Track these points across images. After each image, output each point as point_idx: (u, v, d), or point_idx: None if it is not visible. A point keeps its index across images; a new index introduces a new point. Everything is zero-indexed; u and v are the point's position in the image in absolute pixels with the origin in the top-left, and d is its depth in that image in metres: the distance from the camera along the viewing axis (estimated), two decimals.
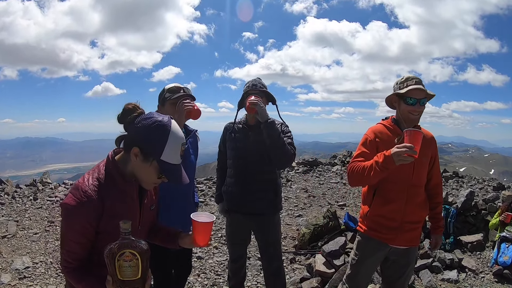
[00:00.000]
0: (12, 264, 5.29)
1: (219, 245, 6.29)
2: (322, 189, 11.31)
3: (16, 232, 6.57)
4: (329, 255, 4.62)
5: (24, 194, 9.13)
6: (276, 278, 3.78)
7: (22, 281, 4.89)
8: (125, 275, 1.61)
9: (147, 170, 1.79)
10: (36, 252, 5.80)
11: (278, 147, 3.28)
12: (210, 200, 9.26)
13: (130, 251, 1.59)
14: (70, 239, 1.76)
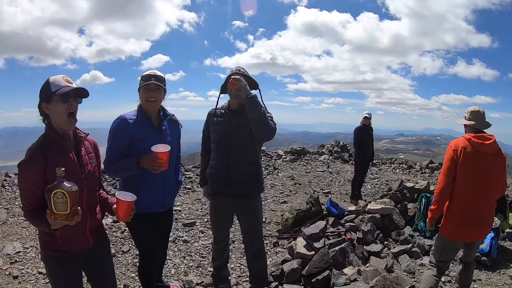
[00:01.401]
0: (3, 250, 5.37)
1: (204, 229, 6.44)
2: (308, 177, 11.49)
3: (7, 219, 6.63)
4: (309, 238, 4.76)
5: (14, 183, 9.19)
6: (257, 259, 3.95)
7: (14, 265, 4.98)
8: (58, 209, 2.12)
9: (55, 106, 2.33)
10: (26, 238, 5.88)
11: (260, 118, 3.38)
12: (197, 187, 9.34)
13: (61, 191, 2.10)
14: (24, 187, 2.30)
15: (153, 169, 3.00)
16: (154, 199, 3.35)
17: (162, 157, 2.94)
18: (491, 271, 5.21)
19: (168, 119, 3.45)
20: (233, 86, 3.38)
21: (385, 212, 6.24)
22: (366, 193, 10.01)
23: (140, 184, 3.25)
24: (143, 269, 3.67)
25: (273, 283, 4.40)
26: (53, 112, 2.34)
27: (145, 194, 3.21)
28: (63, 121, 2.36)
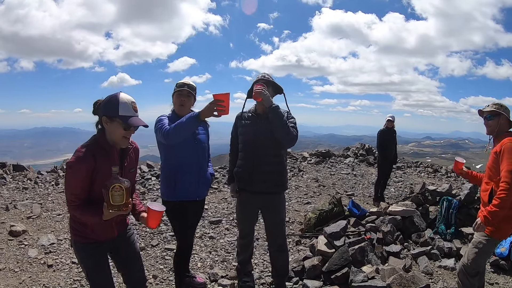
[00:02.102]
0: (38, 241, 5.70)
1: (230, 227, 6.71)
2: (333, 179, 11.62)
3: (41, 213, 7.02)
4: (330, 236, 4.95)
5: (46, 180, 9.62)
6: (280, 253, 4.19)
7: (48, 255, 5.28)
8: (115, 201, 2.48)
9: (115, 127, 2.61)
10: (60, 231, 6.22)
11: (281, 128, 3.68)
12: (223, 187, 9.67)
13: (119, 185, 2.46)
14: (73, 184, 2.56)
15: (216, 114, 3.19)
16: (191, 189, 3.79)
17: (224, 99, 3.13)
18: (510, 275, 5.25)
19: None
20: (256, 98, 3.63)
21: (406, 214, 6.34)
22: (389, 195, 10.09)
23: (178, 175, 3.70)
24: (180, 256, 4.08)
25: (294, 278, 4.64)
26: (110, 129, 2.63)
27: (183, 184, 3.71)
28: (118, 139, 2.66)
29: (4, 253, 5.34)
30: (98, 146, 2.64)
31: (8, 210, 7.20)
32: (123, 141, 2.69)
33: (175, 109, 3.81)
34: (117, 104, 2.57)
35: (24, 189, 8.80)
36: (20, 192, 8.62)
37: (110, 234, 2.89)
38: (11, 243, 5.67)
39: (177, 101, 3.75)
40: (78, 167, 2.53)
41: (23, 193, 8.51)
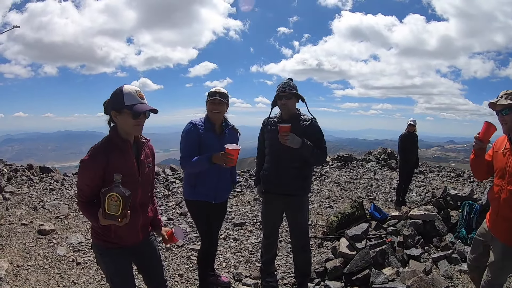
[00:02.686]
0: (66, 240, 5.93)
1: (253, 229, 6.87)
2: (355, 183, 11.70)
3: (68, 214, 7.26)
4: (352, 239, 5.06)
5: (72, 182, 9.91)
6: (302, 253, 4.36)
7: (76, 253, 5.49)
8: (110, 210, 2.39)
9: (124, 118, 2.58)
10: (87, 230, 6.41)
11: (311, 159, 4.03)
12: (247, 191, 9.87)
13: (116, 195, 2.38)
14: (82, 182, 2.60)
15: (225, 163, 3.60)
16: (208, 191, 4.00)
17: (233, 154, 3.54)
18: None
19: (229, 128, 4.10)
20: (282, 141, 3.83)
21: (427, 218, 6.39)
22: (411, 200, 10.11)
23: (198, 178, 3.94)
24: (203, 253, 4.25)
25: (316, 279, 4.78)
26: (121, 122, 2.61)
27: (200, 186, 3.94)
28: (130, 129, 2.63)
29: (33, 250, 5.56)
30: (111, 143, 2.64)
31: (37, 210, 7.47)
32: (135, 129, 2.66)
33: (208, 114, 3.99)
34: (121, 95, 2.56)
35: (51, 190, 9.09)
36: (48, 193, 8.91)
37: (135, 238, 2.88)
38: (40, 241, 5.89)
39: (210, 108, 3.93)
40: (88, 165, 2.55)
41: (50, 194, 8.80)
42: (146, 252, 3.04)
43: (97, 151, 2.59)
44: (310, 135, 3.99)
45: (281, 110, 4.12)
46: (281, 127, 3.81)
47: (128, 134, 2.68)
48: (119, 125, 2.65)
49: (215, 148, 3.80)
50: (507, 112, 3.14)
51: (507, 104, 3.12)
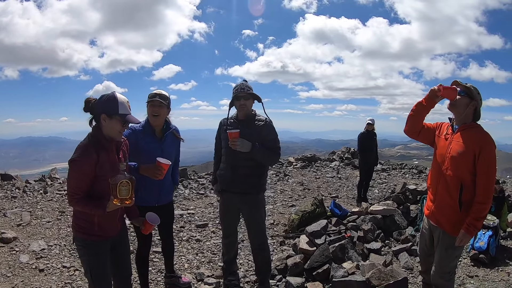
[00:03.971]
0: (29, 247, 5.79)
1: (216, 230, 6.87)
2: (318, 183, 11.84)
3: (30, 221, 7.09)
4: (311, 235, 5.14)
5: (34, 189, 9.69)
6: (261, 251, 4.40)
7: (39, 260, 5.38)
8: (122, 195, 2.70)
9: (113, 123, 2.83)
10: (50, 237, 6.31)
11: (264, 161, 4.18)
12: (210, 193, 9.86)
13: (126, 180, 2.70)
14: (77, 177, 2.78)
15: (154, 177, 3.60)
16: (150, 196, 3.97)
17: (164, 168, 3.56)
18: (489, 268, 5.45)
19: (169, 132, 4.09)
20: (232, 147, 3.93)
21: (386, 213, 6.55)
22: (373, 197, 10.34)
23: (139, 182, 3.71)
24: (140, 252, 4.26)
25: (278, 276, 4.83)
26: (109, 125, 2.84)
27: (142, 191, 3.82)
28: (115, 134, 2.90)
29: None
30: (97, 142, 2.85)
31: None
32: (118, 136, 2.94)
33: (149, 119, 3.94)
34: (116, 103, 2.81)
35: (13, 198, 8.84)
36: (9, 200, 8.65)
37: (115, 230, 3.12)
38: (2, 249, 5.74)
39: (150, 111, 3.88)
40: (83, 162, 2.75)
41: (12, 202, 8.54)
42: (122, 242, 3.29)
43: (87, 148, 2.81)
44: (265, 135, 4.07)
45: (238, 111, 4.15)
46: (230, 134, 3.88)
47: (113, 137, 2.92)
48: (105, 128, 2.87)
49: (156, 153, 3.77)
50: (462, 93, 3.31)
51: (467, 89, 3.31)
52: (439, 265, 3.53)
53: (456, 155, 3.30)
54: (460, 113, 3.35)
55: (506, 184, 12.51)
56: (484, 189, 3.23)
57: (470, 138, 3.27)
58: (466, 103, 3.31)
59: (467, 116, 3.36)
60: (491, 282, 5.08)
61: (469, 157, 3.24)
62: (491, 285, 5.00)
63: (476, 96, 3.31)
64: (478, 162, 3.21)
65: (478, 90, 3.32)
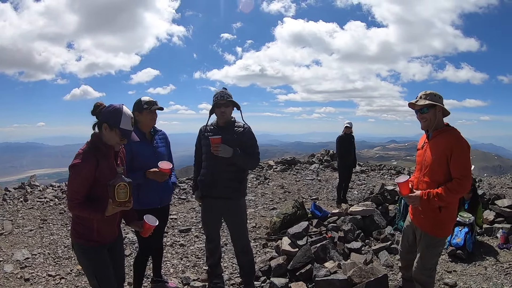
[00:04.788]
0: (12, 256, 5.75)
1: (199, 234, 6.94)
2: (298, 185, 11.97)
3: (12, 230, 7.03)
4: (293, 237, 5.28)
5: (14, 196, 9.56)
6: (244, 254, 4.50)
7: (24, 269, 5.36)
8: (120, 198, 2.78)
9: (113, 136, 2.94)
10: (33, 246, 6.28)
11: (245, 165, 4.28)
12: (191, 197, 9.87)
13: (124, 183, 2.78)
14: (77, 182, 2.85)
15: (161, 180, 3.94)
16: (153, 197, 4.09)
17: (167, 172, 3.86)
18: (467, 263, 5.69)
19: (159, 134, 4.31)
20: (215, 152, 4.05)
21: (366, 213, 6.73)
22: (353, 198, 10.50)
23: (142, 185, 3.99)
24: (140, 258, 4.37)
25: (262, 277, 4.94)
26: (108, 136, 2.95)
27: (145, 194, 4.00)
28: (114, 144, 3.00)
29: None
30: (97, 148, 2.95)
31: None
32: (117, 146, 3.04)
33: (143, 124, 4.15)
34: (120, 117, 2.91)
35: None
36: None
37: (113, 235, 3.21)
38: None
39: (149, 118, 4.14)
40: (83, 167, 2.83)
41: None
42: (118, 247, 3.37)
43: (88, 154, 2.89)
44: (245, 141, 4.20)
45: (219, 118, 4.27)
46: (213, 140, 4.01)
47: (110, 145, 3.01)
48: (105, 136, 2.97)
49: (149, 155, 4.01)
50: (425, 111, 3.54)
51: (426, 104, 3.51)
52: (421, 262, 3.74)
53: (430, 162, 3.54)
54: (432, 124, 3.58)
55: (482, 182, 12.86)
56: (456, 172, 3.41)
57: (442, 143, 3.49)
58: (433, 113, 3.54)
59: (439, 122, 3.59)
60: (468, 276, 5.29)
61: (443, 161, 3.44)
62: (469, 279, 5.21)
63: (438, 100, 3.55)
64: (451, 163, 3.41)
65: (435, 92, 3.58)
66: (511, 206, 7.39)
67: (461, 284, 5.06)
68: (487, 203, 7.74)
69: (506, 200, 7.67)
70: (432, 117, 3.54)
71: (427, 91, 3.59)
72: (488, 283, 5.09)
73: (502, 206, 7.44)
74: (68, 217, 7.73)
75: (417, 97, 3.64)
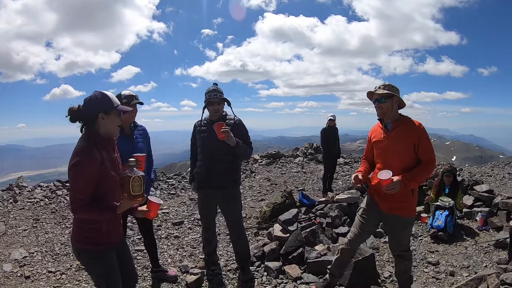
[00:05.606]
0: (10, 256, 5.80)
1: (192, 226, 7.18)
2: (284, 178, 12.24)
3: (6, 231, 7.03)
4: (284, 223, 5.53)
5: (3, 198, 9.57)
6: (239, 240, 4.77)
7: (23, 268, 5.42)
8: (135, 191, 2.69)
9: (112, 119, 2.83)
10: (29, 245, 6.33)
11: (242, 155, 4.50)
12: (181, 192, 10.15)
13: (138, 176, 2.69)
14: (82, 183, 2.66)
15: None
16: None
17: (141, 161, 3.65)
18: (448, 244, 6.08)
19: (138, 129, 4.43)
20: (222, 137, 4.17)
21: (351, 200, 7.03)
22: (337, 188, 10.84)
23: None
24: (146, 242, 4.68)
25: (257, 262, 5.19)
26: (108, 122, 2.81)
27: None
28: (115, 129, 2.89)
29: None
30: (96, 142, 2.77)
31: None
32: (117, 130, 2.93)
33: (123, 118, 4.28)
34: (109, 99, 2.80)
35: None
36: None
37: (120, 233, 3.11)
38: None
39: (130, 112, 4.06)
40: (88, 164, 2.65)
41: None
42: (124, 247, 3.25)
43: (89, 149, 2.70)
44: (237, 133, 4.41)
45: (212, 115, 4.50)
46: (218, 125, 4.16)
47: (113, 133, 2.91)
48: (104, 126, 2.81)
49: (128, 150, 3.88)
50: (383, 101, 3.71)
51: (384, 94, 3.68)
52: (399, 243, 4.05)
53: (399, 149, 3.71)
54: (389, 114, 3.76)
55: (463, 171, 13.29)
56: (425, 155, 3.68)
57: (406, 131, 3.70)
58: (390, 104, 3.71)
59: (395, 113, 3.78)
60: (450, 255, 5.65)
61: (411, 148, 3.67)
62: (451, 258, 5.58)
63: (396, 91, 3.73)
64: (419, 149, 3.67)
65: (393, 85, 3.75)
66: (489, 191, 7.79)
67: (443, 262, 5.41)
68: (466, 188, 8.10)
69: (484, 186, 8.10)
70: (389, 107, 3.71)
71: (386, 83, 3.75)
72: (468, 261, 5.44)
73: (481, 191, 7.84)
74: (61, 216, 7.85)
75: (375, 87, 3.81)
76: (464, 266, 5.29)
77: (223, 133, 4.13)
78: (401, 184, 3.52)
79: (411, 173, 3.61)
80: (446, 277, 4.98)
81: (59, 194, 9.27)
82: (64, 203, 8.72)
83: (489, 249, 5.78)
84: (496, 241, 5.88)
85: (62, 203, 8.74)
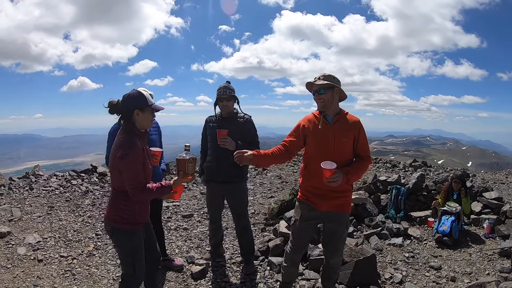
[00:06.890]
0: (24, 240, 6.00)
1: (201, 219, 7.36)
2: (295, 176, 12.24)
3: (22, 216, 7.24)
4: (289, 220, 5.62)
5: (20, 186, 9.77)
6: (244, 233, 4.93)
7: (37, 252, 5.62)
8: (189, 171, 3.28)
9: (147, 116, 3.21)
10: (43, 230, 6.54)
11: None
12: (193, 186, 10.30)
13: (192, 158, 3.29)
14: (137, 169, 3.06)
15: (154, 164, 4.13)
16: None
17: (158, 155, 4.01)
18: (453, 249, 6.07)
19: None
20: (221, 144, 4.39)
21: (358, 201, 7.09)
22: None
23: None
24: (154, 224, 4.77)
25: (261, 257, 5.35)
26: (142, 118, 3.18)
27: None
28: (148, 124, 3.26)
29: None
30: (136, 134, 3.17)
31: None
32: (150, 124, 3.29)
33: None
34: (145, 97, 3.16)
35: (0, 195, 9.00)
36: None
37: (148, 215, 3.45)
38: None
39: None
40: (135, 153, 3.06)
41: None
42: (148, 227, 3.60)
43: (133, 141, 3.09)
44: (246, 130, 4.60)
45: (221, 110, 4.66)
46: (220, 132, 4.36)
47: (147, 127, 3.29)
48: (140, 121, 3.19)
49: None
50: (322, 92, 3.55)
51: (323, 84, 3.53)
52: (340, 246, 3.91)
53: (342, 143, 3.58)
54: (330, 106, 3.60)
55: (476, 177, 13.10)
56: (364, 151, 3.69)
57: (347, 125, 3.62)
58: (331, 95, 3.57)
59: (336, 105, 3.65)
60: (453, 261, 5.65)
61: (351, 142, 3.62)
62: (454, 263, 5.57)
63: (337, 82, 3.59)
64: (358, 144, 3.65)
65: (333, 75, 3.60)
66: (498, 199, 7.72)
67: (446, 268, 5.41)
68: (475, 195, 8.08)
69: (493, 193, 8.01)
70: (330, 99, 3.56)
71: (326, 73, 3.60)
72: (471, 267, 5.44)
73: (490, 198, 7.76)
74: (75, 204, 8.05)
75: (315, 77, 3.64)
76: (466, 272, 5.29)
77: (221, 142, 4.36)
78: (344, 177, 3.41)
79: (352, 167, 3.56)
80: (447, 282, 5.00)
81: (73, 184, 9.50)
82: (78, 192, 8.95)
83: (493, 257, 5.74)
84: (501, 250, 5.83)
85: (77, 192, 8.97)
